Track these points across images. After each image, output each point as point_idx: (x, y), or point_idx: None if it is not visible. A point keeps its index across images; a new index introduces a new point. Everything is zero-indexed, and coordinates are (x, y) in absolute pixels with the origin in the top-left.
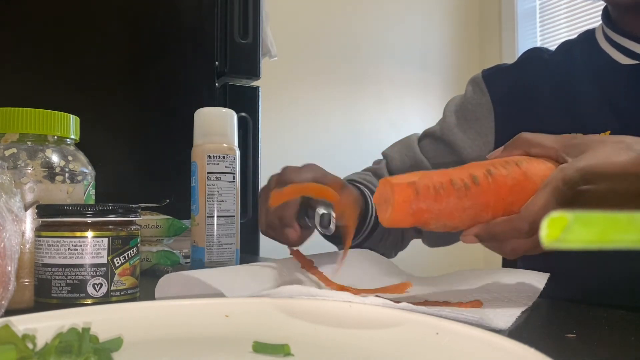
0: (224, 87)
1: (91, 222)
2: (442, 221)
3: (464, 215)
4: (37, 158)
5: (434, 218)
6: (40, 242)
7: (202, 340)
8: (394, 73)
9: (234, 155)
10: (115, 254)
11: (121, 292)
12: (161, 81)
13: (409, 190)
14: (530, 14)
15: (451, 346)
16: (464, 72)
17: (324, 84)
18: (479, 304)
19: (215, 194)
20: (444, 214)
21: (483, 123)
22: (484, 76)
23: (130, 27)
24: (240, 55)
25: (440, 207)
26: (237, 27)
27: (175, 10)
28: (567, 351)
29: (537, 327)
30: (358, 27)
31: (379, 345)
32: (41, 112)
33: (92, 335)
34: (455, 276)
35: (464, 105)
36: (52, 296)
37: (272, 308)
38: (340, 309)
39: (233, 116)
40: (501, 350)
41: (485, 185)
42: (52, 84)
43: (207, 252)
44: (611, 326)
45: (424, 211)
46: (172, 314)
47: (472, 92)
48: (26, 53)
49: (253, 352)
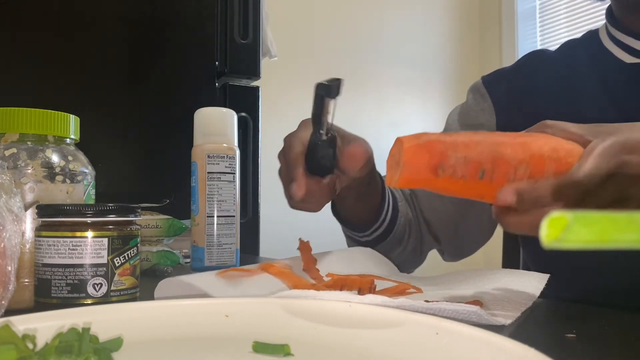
0: (224, 87)
1: (91, 222)
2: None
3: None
4: (37, 158)
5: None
6: (40, 242)
7: (202, 340)
8: (394, 73)
9: (234, 155)
10: (115, 254)
11: (121, 292)
12: (161, 81)
13: (421, 156)
14: (530, 14)
15: (451, 346)
16: (464, 72)
17: None
18: (479, 304)
19: (215, 194)
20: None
21: (486, 128)
22: (484, 82)
23: (130, 27)
24: (240, 55)
25: (453, 186)
26: (237, 27)
27: (175, 10)
28: (567, 351)
29: (537, 327)
30: (358, 27)
31: (379, 345)
32: (41, 112)
33: (92, 335)
34: (455, 276)
35: (466, 112)
36: (52, 296)
37: (272, 308)
38: (340, 309)
39: (233, 116)
40: (501, 350)
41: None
42: (52, 84)
43: (207, 252)
44: (611, 326)
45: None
46: (172, 314)
47: (473, 99)
48: (26, 53)
49: (253, 352)
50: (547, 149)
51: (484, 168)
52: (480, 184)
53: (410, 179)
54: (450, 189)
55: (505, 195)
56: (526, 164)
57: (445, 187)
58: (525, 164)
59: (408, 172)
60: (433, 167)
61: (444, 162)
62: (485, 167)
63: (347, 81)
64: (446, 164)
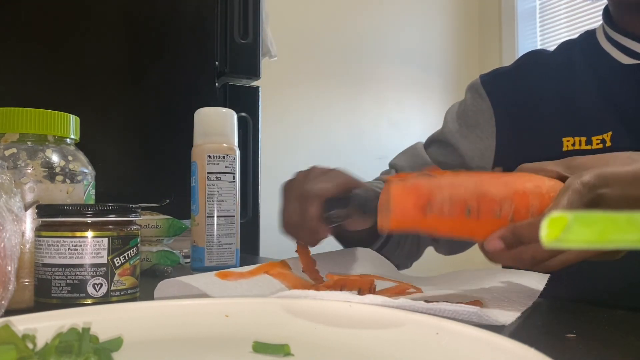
0: (224, 87)
1: (91, 222)
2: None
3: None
4: (37, 158)
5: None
6: (40, 242)
7: (202, 340)
8: (394, 73)
9: (234, 155)
10: (115, 254)
11: (121, 292)
12: (161, 81)
13: (409, 198)
14: (530, 14)
15: (451, 346)
16: (464, 72)
17: (324, 83)
18: (479, 303)
19: (215, 194)
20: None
21: (485, 128)
22: (483, 81)
23: (130, 27)
24: (240, 55)
25: (442, 225)
26: (237, 27)
27: (176, 10)
28: (567, 351)
29: (537, 327)
30: (358, 27)
31: (379, 345)
32: (41, 112)
33: (92, 335)
34: (455, 276)
35: (465, 112)
36: (52, 296)
37: (272, 308)
38: (340, 309)
39: (233, 116)
40: (501, 350)
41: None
42: (52, 84)
43: (207, 252)
44: (611, 326)
45: (423, 221)
46: (172, 314)
47: (472, 99)
48: (26, 53)
49: (253, 352)
50: (529, 186)
51: (470, 205)
52: (467, 221)
53: (400, 220)
54: (440, 228)
55: (493, 245)
56: (510, 200)
57: (435, 227)
58: (509, 199)
59: (398, 214)
60: (421, 207)
61: (431, 201)
62: (471, 204)
63: (347, 81)
64: (433, 203)
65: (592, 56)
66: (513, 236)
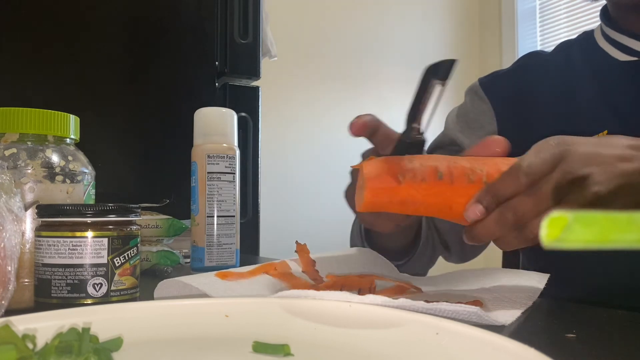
0: (224, 87)
1: (91, 222)
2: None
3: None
4: (37, 158)
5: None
6: (40, 242)
7: (202, 340)
8: (394, 73)
9: (234, 155)
10: (115, 254)
11: (121, 292)
12: (161, 81)
13: (382, 167)
14: (530, 14)
15: (451, 346)
16: (464, 72)
17: (324, 83)
18: (479, 303)
19: (215, 194)
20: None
21: (487, 130)
22: (482, 84)
23: (130, 27)
24: (240, 55)
25: (418, 192)
26: (237, 27)
27: (175, 11)
28: (567, 351)
29: (537, 327)
30: (358, 27)
31: (379, 345)
32: (41, 112)
33: (92, 335)
34: (455, 276)
35: (465, 114)
36: (52, 296)
37: (272, 308)
38: (340, 309)
39: (233, 116)
40: (501, 350)
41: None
42: (52, 84)
43: (207, 252)
44: (611, 326)
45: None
46: (172, 314)
47: (471, 101)
48: (26, 53)
49: (253, 352)
50: (499, 159)
51: (441, 171)
52: (442, 185)
53: (376, 190)
54: (416, 196)
55: (473, 211)
56: (481, 164)
57: (411, 195)
58: (480, 163)
59: (372, 183)
60: (393, 174)
61: (403, 169)
62: (442, 170)
63: (348, 81)
64: (405, 170)
65: (589, 54)
66: (489, 194)
